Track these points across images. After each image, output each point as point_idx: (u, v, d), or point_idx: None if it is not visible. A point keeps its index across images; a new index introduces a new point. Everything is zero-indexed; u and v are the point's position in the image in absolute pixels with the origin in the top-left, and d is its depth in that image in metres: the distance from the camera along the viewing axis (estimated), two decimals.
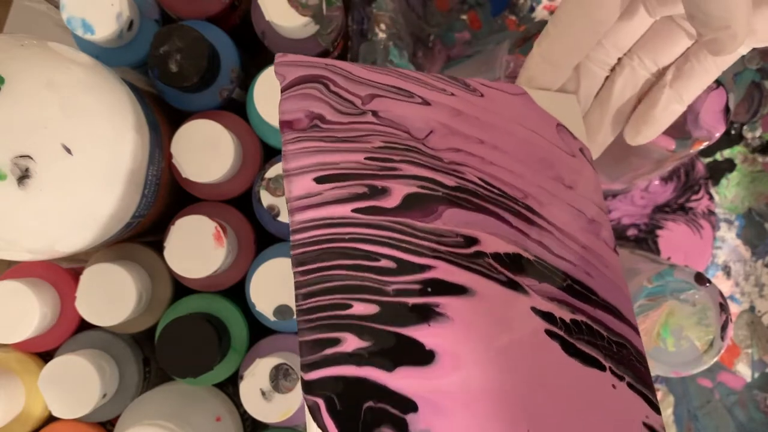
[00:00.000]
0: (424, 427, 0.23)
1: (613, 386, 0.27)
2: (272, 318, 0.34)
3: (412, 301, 0.25)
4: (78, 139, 0.28)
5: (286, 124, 0.26)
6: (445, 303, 0.25)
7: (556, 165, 0.30)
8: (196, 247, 0.33)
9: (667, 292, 0.35)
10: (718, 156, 0.48)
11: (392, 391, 0.24)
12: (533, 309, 0.27)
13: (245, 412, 0.34)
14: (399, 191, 0.26)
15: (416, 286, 0.25)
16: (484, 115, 0.29)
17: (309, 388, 0.23)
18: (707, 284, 0.35)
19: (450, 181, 0.27)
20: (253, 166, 0.36)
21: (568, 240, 0.29)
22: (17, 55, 0.28)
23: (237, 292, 0.37)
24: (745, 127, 0.47)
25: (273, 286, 0.34)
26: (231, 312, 0.36)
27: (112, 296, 0.33)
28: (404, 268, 0.25)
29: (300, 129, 0.26)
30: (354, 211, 0.25)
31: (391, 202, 0.26)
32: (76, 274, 0.35)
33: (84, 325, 0.35)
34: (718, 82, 0.36)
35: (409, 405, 0.24)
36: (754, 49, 0.46)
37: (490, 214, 0.28)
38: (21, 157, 0.26)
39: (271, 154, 0.37)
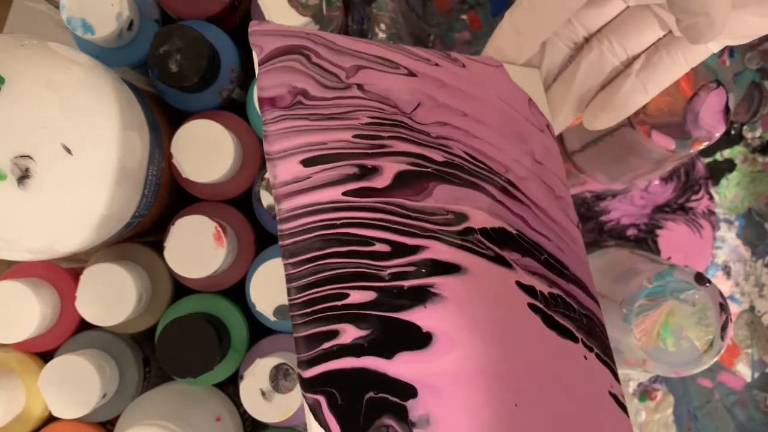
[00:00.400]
0: (423, 411, 0.23)
1: (585, 357, 0.27)
2: (272, 318, 0.34)
3: (407, 283, 0.24)
4: (78, 139, 0.28)
5: (266, 102, 0.24)
6: (440, 283, 0.25)
7: (528, 140, 0.30)
8: (196, 247, 0.33)
9: (667, 292, 0.35)
10: (718, 156, 0.48)
11: (392, 379, 0.23)
12: (518, 283, 0.27)
13: (245, 412, 0.34)
14: (390, 169, 0.25)
15: (411, 268, 0.24)
16: (467, 86, 0.29)
17: (309, 385, 0.22)
18: (707, 284, 0.35)
19: (438, 156, 0.27)
20: (253, 166, 0.36)
21: (542, 215, 0.29)
22: (17, 55, 0.28)
23: (237, 292, 0.37)
24: (745, 127, 0.47)
25: (273, 286, 0.34)
26: (231, 312, 0.36)
27: (112, 296, 0.33)
28: (398, 250, 0.24)
29: (283, 107, 0.24)
30: (345, 194, 0.24)
31: (382, 181, 0.25)
32: (76, 274, 0.35)
33: (84, 325, 0.35)
34: (718, 82, 0.36)
35: (408, 391, 0.23)
36: (754, 49, 0.46)
37: (477, 188, 0.27)
38: (21, 157, 0.26)
39: None
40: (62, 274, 0.35)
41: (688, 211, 0.48)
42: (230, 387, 0.38)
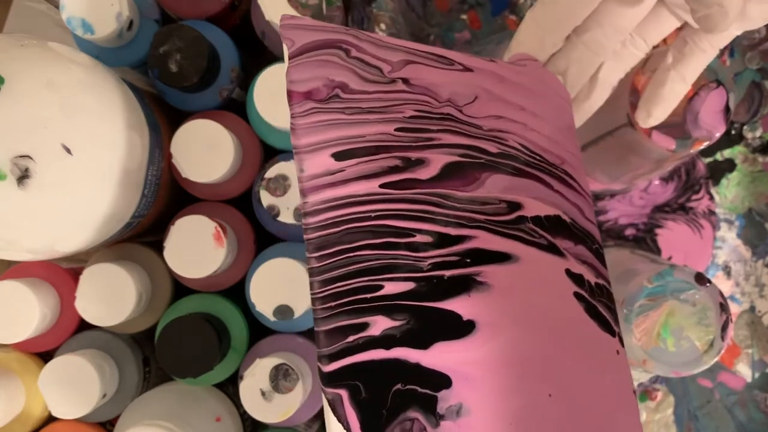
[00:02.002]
0: (455, 401, 0.23)
1: (617, 352, 0.27)
2: (272, 318, 0.34)
3: (449, 273, 0.24)
4: (78, 139, 0.28)
5: (296, 95, 0.23)
6: (487, 271, 0.25)
7: (574, 133, 0.31)
8: (196, 247, 0.33)
9: (668, 292, 0.35)
10: (719, 156, 0.48)
11: (425, 369, 0.23)
12: (567, 271, 0.27)
13: (245, 412, 0.34)
14: (438, 161, 0.25)
15: (454, 258, 0.24)
16: (526, 81, 0.29)
17: (329, 380, 0.21)
18: (707, 284, 0.35)
19: (492, 148, 0.27)
20: (253, 166, 0.36)
21: (590, 206, 0.29)
22: (17, 55, 0.28)
23: (237, 292, 0.37)
24: (745, 127, 0.47)
25: (273, 286, 0.34)
26: (231, 312, 0.36)
27: (112, 296, 0.33)
28: (442, 241, 0.24)
29: (318, 100, 0.24)
30: (383, 186, 0.24)
31: (428, 172, 0.25)
32: (76, 274, 0.35)
33: (84, 325, 0.35)
34: (718, 82, 0.36)
35: (442, 381, 0.23)
36: (754, 49, 0.46)
37: (532, 178, 0.27)
38: (21, 157, 0.26)
39: (271, 154, 0.37)
40: (62, 274, 0.35)
41: (689, 211, 0.48)
42: (230, 387, 0.38)
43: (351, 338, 0.22)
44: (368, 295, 0.23)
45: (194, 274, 0.33)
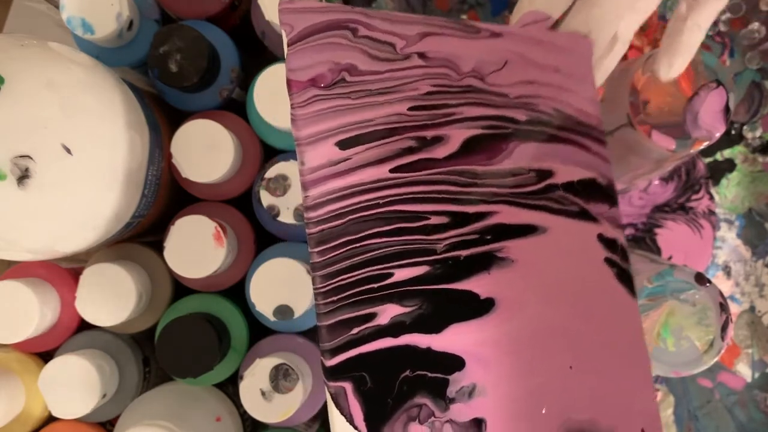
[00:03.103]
0: (468, 382, 0.23)
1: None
2: (272, 318, 0.34)
3: (466, 252, 0.23)
4: (78, 139, 0.28)
5: (296, 85, 0.22)
6: (509, 246, 0.24)
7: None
8: (196, 247, 0.33)
9: (667, 292, 0.35)
10: (719, 156, 0.48)
11: (436, 353, 0.22)
12: (599, 237, 0.26)
13: (245, 412, 0.34)
14: (457, 137, 0.24)
15: (473, 237, 0.24)
16: (560, 40, 0.28)
17: (332, 373, 0.21)
18: (707, 284, 0.35)
19: (521, 116, 0.26)
20: (253, 166, 0.36)
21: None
22: (17, 55, 0.28)
23: (237, 292, 0.37)
24: (745, 127, 0.47)
25: (273, 286, 0.34)
26: (231, 312, 0.36)
27: (112, 296, 0.33)
28: (459, 220, 0.24)
29: (321, 86, 0.23)
30: (394, 170, 0.23)
31: (446, 150, 0.24)
32: (76, 274, 0.35)
33: (84, 325, 0.35)
34: (718, 82, 0.36)
35: (454, 363, 0.23)
36: (754, 49, 0.46)
37: (567, 142, 0.26)
38: (21, 157, 0.26)
39: (271, 154, 0.37)
40: (62, 274, 0.35)
41: (689, 211, 0.48)
42: (230, 387, 0.38)
43: (356, 330, 0.22)
44: (375, 285, 0.22)
45: (194, 274, 0.33)
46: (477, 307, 0.23)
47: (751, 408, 0.46)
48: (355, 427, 0.21)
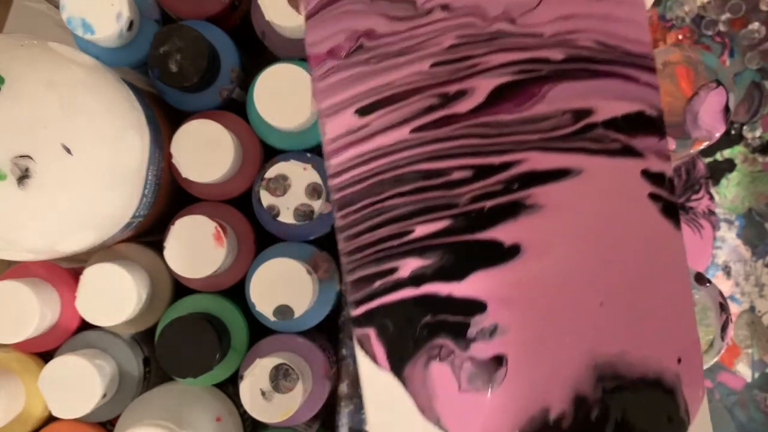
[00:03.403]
0: (490, 323, 0.23)
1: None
2: (272, 318, 0.34)
3: (490, 203, 0.23)
4: (78, 139, 0.28)
5: (315, 58, 0.23)
6: (538, 193, 0.24)
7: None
8: (196, 247, 0.33)
9: None
10: (718, 156, 0.48)
11: (458, 299, 0.23)
12: (644, 172, 0.25)
13: (245, 412, 0.34)
14: (484, 88, 0.24)
15: (498, 187, 0.24)
16: None
17: (358, 321, 0.23)
18: (707, 284, 0.35)
19: (557, 55, 0.25)
20: (253, 166, 0.36)
21: None
22: (17, 55, 0.28)
23: (237, 292, 0.37)
24: (745, 127, 0.47)
25: (273, 286, 0.34)
26: (231, 312, 0.36)
27: (112, 296, 0.33)
28: (482, 173, 0.24)
29: (339, 56, 0.23)
30: (415, 130, 0.23)
31: (470, 103, 0.24)
32: (76, 274, 0.35)
33: (84, 325, 0.35)
34: (718, 82, 0.36)
35: (476, 307, 0.23)
36: (754, 49, 0.46)
37: (611, 76, 0.25)
38: (21, 157, 0.26)
39: (271, 154, 0.37)
40: (62, 274, 0.35)
41: (689, 211, 0.48)
42: (230, 387, 0.38)
43: (377, 284, 0.23)
44: (396, 242, 0.23)
45: (194, 274, 0.33)
46: (501, 254, 0.24)
47: (751, 408, 0.46)
48: (379, 366, 0.23)
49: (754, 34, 0.47)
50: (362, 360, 0.23)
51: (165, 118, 0.36)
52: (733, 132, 0.48)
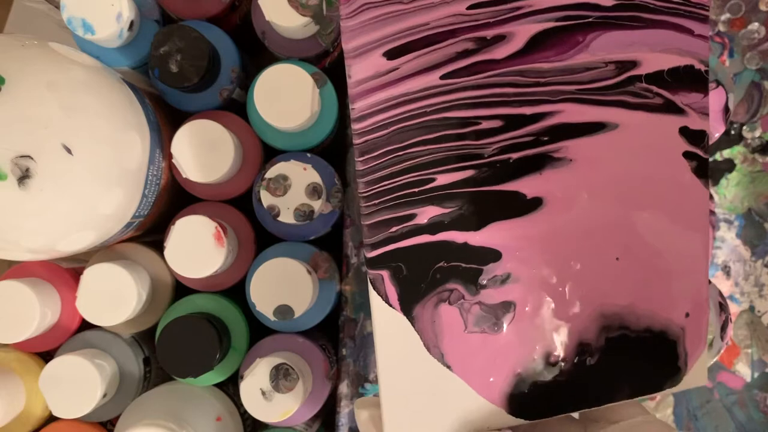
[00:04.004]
0: (503, 272, 0.23)
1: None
2: (272, 318, 0.34)
3: (516, 155, 0.23)
4: (78, 139, 0.28)
5: None
6: (569, 146, 0.23)
7: None
8: (197, 247, 0.33)
9: None
10: (718, 156, 0.48)
11: (473, 248, 0.23)
12: (683, 130, 0.25)
13: (245, 412, 0.34)
14: (524, 33, 0.23)
15: (527, 139, 0.23)
16: None
17: (372, 263, 0.23)
18: None
19: (607, 1, 0.24)
20: (253, 166, 0.36)
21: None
22: (18, 55, 0.28)
23: (237, 292, 0.37)
24: (744, 127, 0.47)
25: (273, 286, 0.34)
26: (231, 312, 0.36)
27: (112, 296, 0.33)
28: (513, 123, 0.23)
29: None
30: (445, 76, 0.22)
31: (509, 49, 0.23)
32: (76, 274, 0.35)
33: (84, 325, 0.35)
34: (718, 82, 0.36)
35: (491, 256, 0.23)
36: (753, 49, 0.47)
37: (664, 26, 0.24)
38: (21, 157, 0.26)
39: (271, 154, 0.38)
40: (62, 274, 0.35)
41: None
42: (230, 387, 0.38)
43: (394, 228, 0.23)
44: (416, 189, 0.23)
45: (195, 274, 0.33)
46: (522, 206, 0.23)
47: (751, 408, 0.46)
48: (390, 305, 0.23)
49: (754, 34, 0.47)
50: (374, 298, 0.23)
51: (165, 118, 0.36)
52: (732, 132, 0.48)
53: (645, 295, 0.25)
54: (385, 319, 0.23)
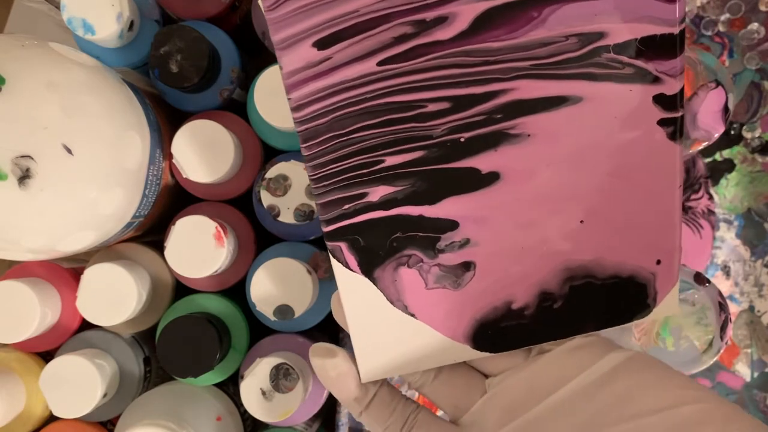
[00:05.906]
0: (461, 238, 0.24)
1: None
2: (272, 318, 0.34)
3: (468, 135, 0.23)
4: (78, 139, 0.28)
5: None
6: (525, 122, 0.23)
7: None
8: (197, 247, 0.33)
9: None
10: (718, 156, 0.48)
11: (430, 219, 0.24)
12: (658, 97, 0.23)
13: (245, 411, 0.34)
14: (468, 13, 0.22)
15: (478, 118, 0.23)
16: None
17: (329, 236, 0.24)
18: (706, 284, 0.35)
19: None
20: (253, 166, 0.36)
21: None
22: (18, 55, 0.28)
23: (237, 292, 0.37)
24: (744, 127, 0.47)
25: (273, 286, 0.34)
26: (231, 312, 0.36)
27: (112, 296, 0.33)
28: (461, 104, 0.23)
29: None
30: (382, 62, 0.22)
31: (451, 31, 0.22)
32: (76, 274, 0.35)
33: (84, 325, 0.35)
34: (717, 82, 0.36)
35: (448, 226, 0.24)
36: (753, 49, 0.47)
37: None
38: (22, 157, 0.26)
39: (271, 154, 0.38)
40: (62, 274, 0.35)
41: (688, 211, 0.48)
42: (230, 387, 0.38)
43: (347, 206, 0.24)
44: (365, 171, 0.23)
45: (195, 274, 0.33)
46: (478, 180, 0.24)
47: (751, 408, 0.46)
48: (351, 270, 0.24)
49: (754, 34, 0.47)
50: (336, 265, 0.24)
51: (165, 119, 0.36)
52: (732, 132, 0.48)
53: (612, 250, 0.25)
54: (349, 282, 0.24)
